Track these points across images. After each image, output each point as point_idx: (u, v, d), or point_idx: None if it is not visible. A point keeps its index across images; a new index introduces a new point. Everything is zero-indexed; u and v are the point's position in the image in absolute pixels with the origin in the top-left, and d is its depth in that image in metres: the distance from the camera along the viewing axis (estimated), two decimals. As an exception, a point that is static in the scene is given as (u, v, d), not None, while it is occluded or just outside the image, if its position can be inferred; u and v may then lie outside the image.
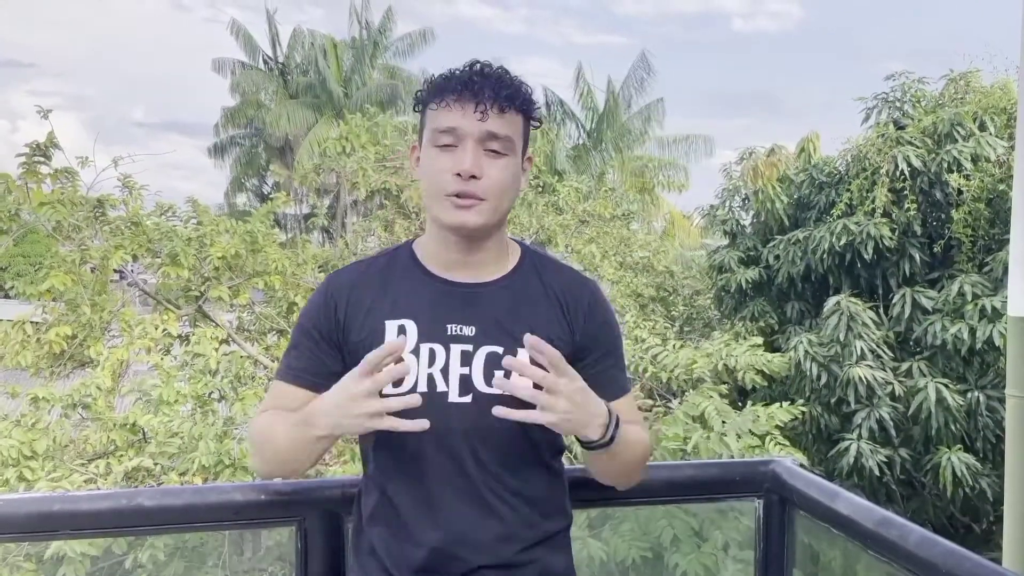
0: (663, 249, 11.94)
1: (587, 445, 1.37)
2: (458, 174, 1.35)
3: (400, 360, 1.32)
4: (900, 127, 8.00)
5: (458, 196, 1.36)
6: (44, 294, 5.84)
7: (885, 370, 7.05)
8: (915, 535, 1.48)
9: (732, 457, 4.43)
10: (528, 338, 1.30)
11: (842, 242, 7.54)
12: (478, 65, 1.42)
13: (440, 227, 1.42)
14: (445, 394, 1.37)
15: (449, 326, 1.39)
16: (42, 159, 5.99)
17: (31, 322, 5.88)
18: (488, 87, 1.38)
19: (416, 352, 1.38)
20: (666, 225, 18.12)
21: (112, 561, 4.80)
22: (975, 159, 7.42)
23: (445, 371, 1.38)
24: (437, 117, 1.39)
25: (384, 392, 1.29)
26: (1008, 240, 2.89)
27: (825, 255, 7.71)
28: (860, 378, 6.86)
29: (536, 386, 1.30)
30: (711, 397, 5.08)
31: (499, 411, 1.28)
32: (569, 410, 1.30)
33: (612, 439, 1.36)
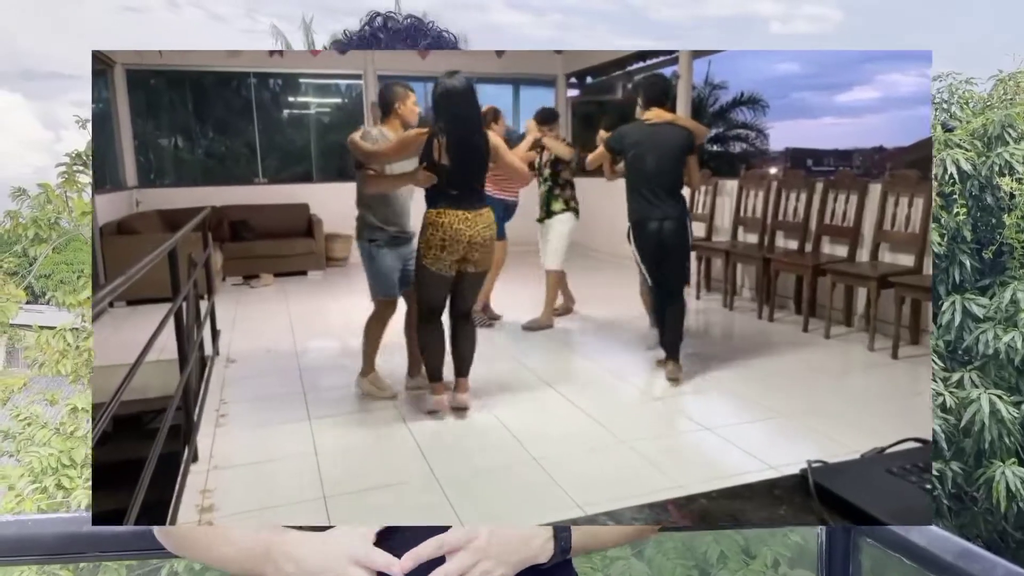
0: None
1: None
2: None
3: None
4: (948, 129, 7.77)
5: None
6: (83, 302, 5.88)
7: (936, 380, 6.83)
8: (1000, 569, 1.36)
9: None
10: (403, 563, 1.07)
11: (889, 248, 7.35)
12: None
13: None
14: None
15: None
16: (81, 168, 6.05)
17: (71, 330, 5.92)
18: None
19: None
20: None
21: (148, 569, 4.82)
22: (1028, 162, 7.19)
23: None
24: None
25: None
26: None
27: (871, 261, 7.51)
28: (909, 388, 6.66)
29: None
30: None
31: None
32: (488, 570, 1.08)
33: (566, 551, 1.14)
